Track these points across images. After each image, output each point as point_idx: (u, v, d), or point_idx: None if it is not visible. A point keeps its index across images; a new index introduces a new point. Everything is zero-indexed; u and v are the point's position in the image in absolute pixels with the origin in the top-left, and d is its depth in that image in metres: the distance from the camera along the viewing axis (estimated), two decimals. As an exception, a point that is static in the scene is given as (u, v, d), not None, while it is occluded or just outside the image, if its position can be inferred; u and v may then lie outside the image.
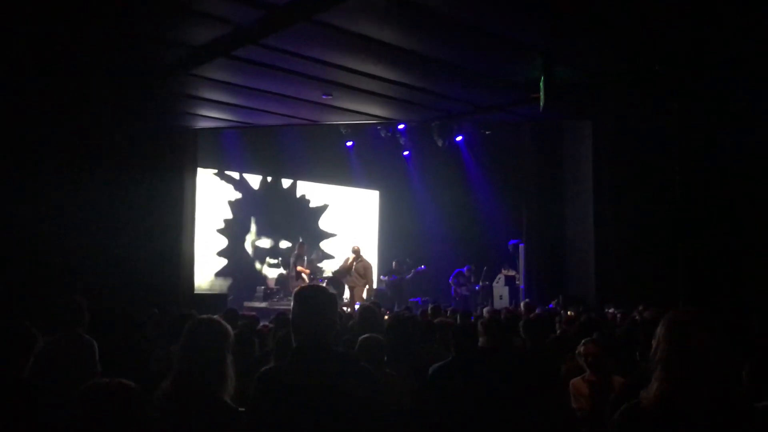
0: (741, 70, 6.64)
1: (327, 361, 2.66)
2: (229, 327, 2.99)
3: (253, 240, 15.55)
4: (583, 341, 4.72)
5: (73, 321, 4.46)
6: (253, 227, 15.63)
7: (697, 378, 2.04)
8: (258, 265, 15.43)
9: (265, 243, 15.77)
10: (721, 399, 2.03)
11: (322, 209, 16.88)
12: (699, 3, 5.62)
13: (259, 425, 2.56)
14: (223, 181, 15.02)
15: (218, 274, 14.49)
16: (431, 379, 4.49)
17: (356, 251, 13.09)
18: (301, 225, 16.22)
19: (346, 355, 3.67)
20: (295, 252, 13.68)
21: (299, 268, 13.26)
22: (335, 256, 16.41)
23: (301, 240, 14.30)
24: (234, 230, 15.13)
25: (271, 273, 15.21)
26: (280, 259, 15.17)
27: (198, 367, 2.81)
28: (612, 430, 2.15)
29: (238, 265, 14.95)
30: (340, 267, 13.50)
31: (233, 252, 14.88)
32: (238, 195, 15.35)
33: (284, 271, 14.14)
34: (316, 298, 2.77)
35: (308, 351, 2.66)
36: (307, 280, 12.89)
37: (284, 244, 15.94)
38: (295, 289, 2.92)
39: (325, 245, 16.66)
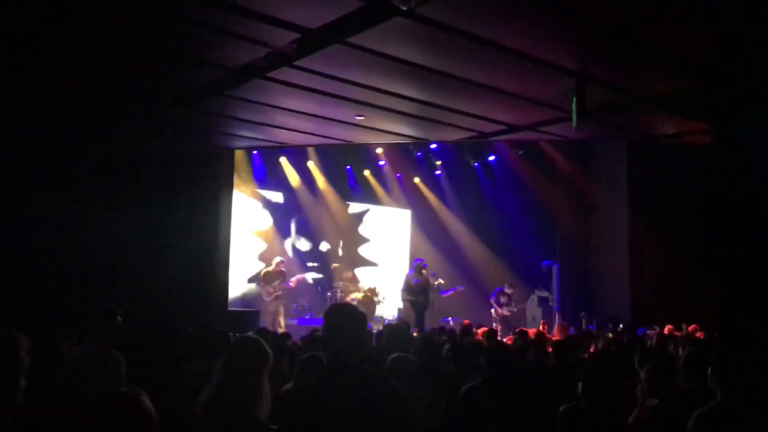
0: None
1: (357, 379, 2.67)
2: (268, 348, 3.05)
3: (292, 242, 15.62)
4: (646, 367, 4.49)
5: (107, 333, 4.54)
6: (293, 229, 15.68)
7: None
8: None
9: (305, 245, 15.80)
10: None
11: (363, 213, 16.91)
12: (734, 23, 5.57)
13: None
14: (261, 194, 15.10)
15: (252, 280, 14.42)
16: (462, 400, 4.47)
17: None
18: (341, 228, 16.24)
19: (377, 374, 3.68)
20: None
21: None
22: (377, 262, 16.45)
23: (280, 259, 13.23)
24: (273, 234, 15.16)
25: (309, 276, 15.22)
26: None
27: (236, 384, 2.87)
28: None
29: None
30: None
31: (272, 256, 14.04)
32: (277, 202, 15.42)
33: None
34: (346, 317, 2.80)
35: (338, 369, 2.68)
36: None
37: (324, 246, 15.99)
38: (325, 307, 2.97)
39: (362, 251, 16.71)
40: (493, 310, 14.08)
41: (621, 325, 10.65)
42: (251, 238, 14.68)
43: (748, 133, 6.45)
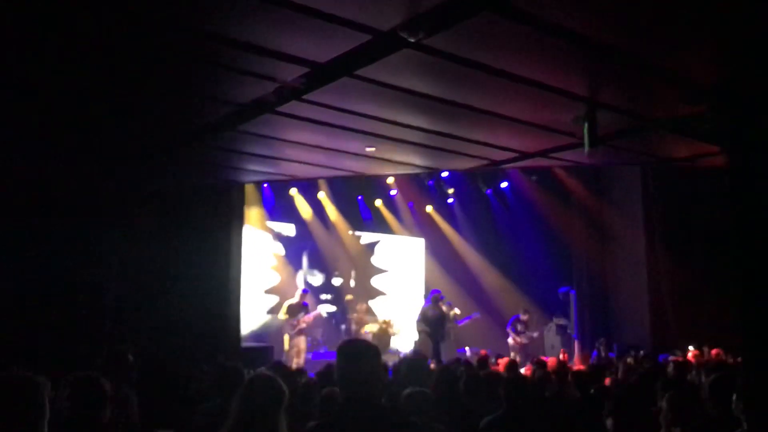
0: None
1: (374, 415, 2.63)
2: (285, 386, 3.03)
3: (305, 275, 15.54)
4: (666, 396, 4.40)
5: (118, 372, 4.52)
6: (305, 262, 15.63)
7: None
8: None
9: (317, 277, 15.75)
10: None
11: (374, 244, 16.87)
12: (745, 45, 5.54)
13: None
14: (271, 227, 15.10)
15: (264, 315, 14.38)
16: (482, 433, 4.38)
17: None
18: (353, 259, 16.18)
19: (394, 409, 3.62)
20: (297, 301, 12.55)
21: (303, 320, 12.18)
22: (391, 293, 16.38)
23: (304, 290, 13.23)
24: (285, 267, 15.13)
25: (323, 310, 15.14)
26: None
27: (253, 423, 2.86)
28: None
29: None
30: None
31: (286, 289, 14.18)
32: (288, 235, 15.41)
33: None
34: (360, 352, 2.77)
35: (355, 406, 2.64)
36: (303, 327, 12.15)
37: (337, 279, 15.93)
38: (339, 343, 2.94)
39: (375, 281, 16.63)
40: (510, 339, 13.88)
41: (641, 352, 10.47)
42: (263, 272, 14.65)
43: (763, 155, 6.36)
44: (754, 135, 6.47)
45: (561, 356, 11.38)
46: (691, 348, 11.59)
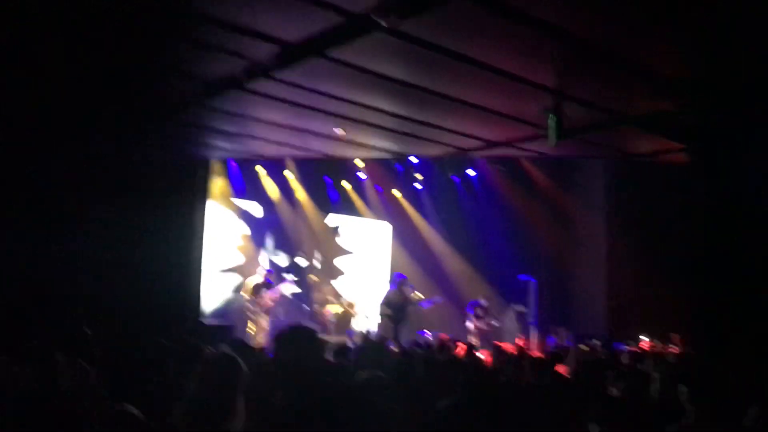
0: (754, 109, 6.64)
1: (331, 393, 2.67)
2: (244, 367, 3.04)
3: (269, 255, 15.44)
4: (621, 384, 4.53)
5: (77, 348, 4.47)
6: (270, 242, 15.52)
7: None
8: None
9: (282, 260, 15.65)
10: None
11: (341, 225, 16.85)
12: (712, 45, 5.65)
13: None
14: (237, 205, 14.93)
15: (226, 293, 14.23)
16: (438, 416, 4.44)
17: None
18: (318, 240, 16.12)
19: (350, 387, 3.65)
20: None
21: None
22: (356, 275, 16.43)
23: (267, 269, 13.04)
24: (249, 246, 14.93)
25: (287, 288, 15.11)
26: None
27: (209, 400, 2.87)
28: None
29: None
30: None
31: (250, 268, 13.97)
32: (254, 213, 15.27)
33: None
34: (300, 340, 2.82)
35: (311, 385, 2.67)
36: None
37: (302, 262, 15.88)
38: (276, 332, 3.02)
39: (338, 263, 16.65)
40: (468, 323, 14.06)
41: (596, 341, 10.71)
42: (225, 250, 14.51)
43: (724, 153, 6.54)
44: (717, 133, 6.65)
45: (519, 342, 11.56)
46: (643, 338, 11.90)
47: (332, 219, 16.63)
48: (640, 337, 12.09)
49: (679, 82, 6.41)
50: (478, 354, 8.22)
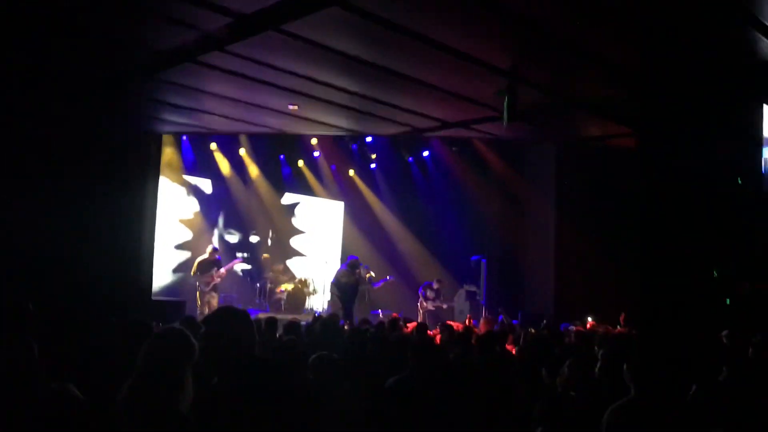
0: (698, 96, 6.83)
1: (272, 373, 2.68)
2: (194, 342, 3.01)
3: (220, 233, 15.24)
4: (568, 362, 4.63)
5: (18, 326, 4.35)
6: (222, 219, 15.31)
7: None
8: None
9: (234, 237, 15.47)
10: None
11: (295, 204, 16.74)
12: (659, 32, 5.77)
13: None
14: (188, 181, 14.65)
15: (177, 270, 14.10)
16: (388, 392, 4.49)
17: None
18: (272, 219, 15.98)
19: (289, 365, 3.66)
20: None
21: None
22: (308, 254, 16.36)
23: (213, 246, 12.62)
24: (200, 223, 14.65)
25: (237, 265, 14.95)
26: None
27: (157, 376, 2.83)
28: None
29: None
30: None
31: (199, 246, 13.57)
32: (205, 190, 15.03)
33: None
34: (233, 318, 2.85)
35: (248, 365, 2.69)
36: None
37: (254, 239, 15.73)
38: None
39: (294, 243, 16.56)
40: (420, 303, 14.22)
41: (544, 321, 10.95)
42: (176, 227, 14.27)
43: (670, 138, 6.72)
44: (665, 119, 6.82)
45: (467, 321, 11.74)
46: (590, 319, 12.20)
47: (288, 198, 16.54)
48: (587, 318, 12.39)
49: (629, 69, 6.53)
50: (428, 333, 8.30)
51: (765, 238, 11.47)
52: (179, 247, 14.28)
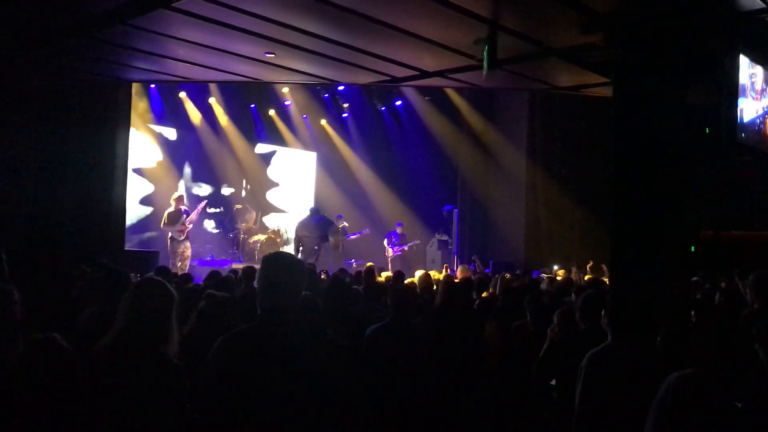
0: (675, 43, 6.86)
1: (295, 328, 2.67)
2: (175, 291, 3.02)
3: (186, 185, 15.01)
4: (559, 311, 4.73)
5: None
6: (189, 171, 15.06)
7: None
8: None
9: (204, 190, 15.25)
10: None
11: (270, 154, 16.56)
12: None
13: (219, 387, 2.57)
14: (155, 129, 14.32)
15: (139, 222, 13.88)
16: (368, 340, 4.57)
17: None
18: (245, 170, 15.81)
19: (312, 323, 3.67)
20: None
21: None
22: (281, 204, 16.28)
23: (178, 195, 12.22)
24: (166, 174, 14.36)
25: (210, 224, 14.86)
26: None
27: (143, 324, 2.85)
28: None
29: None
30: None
31: (163, 199, 13.11)
32: (172, 137, 14.67)
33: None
34: (287, 267, 2.79)
35: (275, 317, 2.66)
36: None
37: (227, 191, 15.56)
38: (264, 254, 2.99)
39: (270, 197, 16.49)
40: (386, 251, 14.39)
41: (518, 270, 11.16)
42: (140, 178, 14.00)
43: (644, 86, 6.78)
44: (640, 67, 6.86)
45: (444, 270, 11.90)
46: (555, 267, 12.50)
47: (262, 147, 16.36)
48: (554, 266, 12.68)
49: (607, 16, 6.52)
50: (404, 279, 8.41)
51: (731, 187, 11.78)
52: (148, 197, 14.09)
